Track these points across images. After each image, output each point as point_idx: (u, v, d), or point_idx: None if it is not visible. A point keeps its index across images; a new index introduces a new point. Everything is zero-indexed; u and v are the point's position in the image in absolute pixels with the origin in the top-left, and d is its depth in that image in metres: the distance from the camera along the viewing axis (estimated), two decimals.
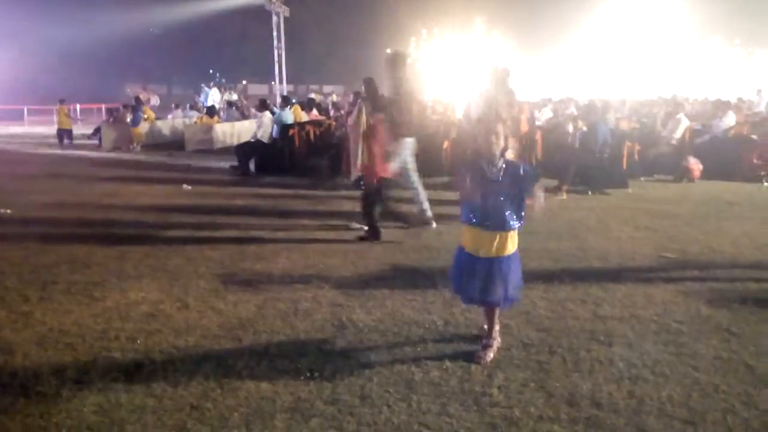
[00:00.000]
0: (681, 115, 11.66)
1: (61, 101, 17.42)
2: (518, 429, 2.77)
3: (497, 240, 3.36)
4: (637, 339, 3.78)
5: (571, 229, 6.86)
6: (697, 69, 35.60)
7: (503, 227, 3.35)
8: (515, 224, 3.38)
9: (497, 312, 3.59)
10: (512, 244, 3.43)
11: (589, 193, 9.27)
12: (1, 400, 2.97)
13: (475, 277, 3.39)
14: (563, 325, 4.00)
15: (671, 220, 7.42)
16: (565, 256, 5.68)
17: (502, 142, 3.29)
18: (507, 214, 3.34)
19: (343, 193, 9.42)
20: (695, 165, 10.53)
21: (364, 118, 9.43)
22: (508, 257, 3.41)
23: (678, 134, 11.27)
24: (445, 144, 11.04)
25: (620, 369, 3.36)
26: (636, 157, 10.64)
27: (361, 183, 9.48)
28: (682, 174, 10.54)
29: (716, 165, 10.82)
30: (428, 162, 10.89)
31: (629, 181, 9.91)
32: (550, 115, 14.43)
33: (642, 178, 10.66)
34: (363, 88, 9.73)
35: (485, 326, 3.66)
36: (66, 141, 16.61)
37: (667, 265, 5.47)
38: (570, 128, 11.23)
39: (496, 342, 3.57)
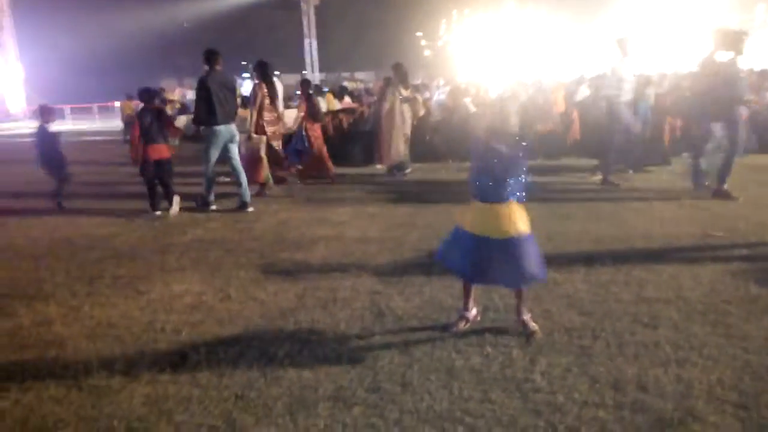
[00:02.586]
0: None
1: (129, 96, 18.17)
2: (562, 415, 2.73)
3: (507, 212, 3.37)
4: (684, 321, 3.68)
5: (611, 209, 6.72)
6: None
7: (509, 197, 3.39)
8: (519, 195, 3.43)
9: (524, 290, 3.60)
10: (523, 219, 3.42)
11: (630, 171, 9.04)
12: (55, 392, 3.08)
13: (485, 257, 3.39)
14: (606, 308, 3.92)
15: (717, 197, 7.18)
16: (606, 238, 5.56)
17: (514, 119, 3.39)
18: (512, 185, 3.39)
19: (378, 179, 9.43)
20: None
21: (398, 104, 9.44)
22: (525, 238, 3.40)
23: None
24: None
25: (666, 352, 3.28)
26: (678, 133, 10.33)
27: (395, 169, 9.51)
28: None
29: (763, 137, 10.43)
30: (462, 146, 10.84)
31: (672, 158, 9.63)
32: (588, 92, 14.06)
33: (685, 155, 10.35)
34: (393, 73, 9.73)
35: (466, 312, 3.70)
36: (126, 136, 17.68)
37: (714, 244, 5.31)
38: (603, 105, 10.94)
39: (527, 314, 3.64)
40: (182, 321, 3.95)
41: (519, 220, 3.40)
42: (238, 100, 8.09)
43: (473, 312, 3.74)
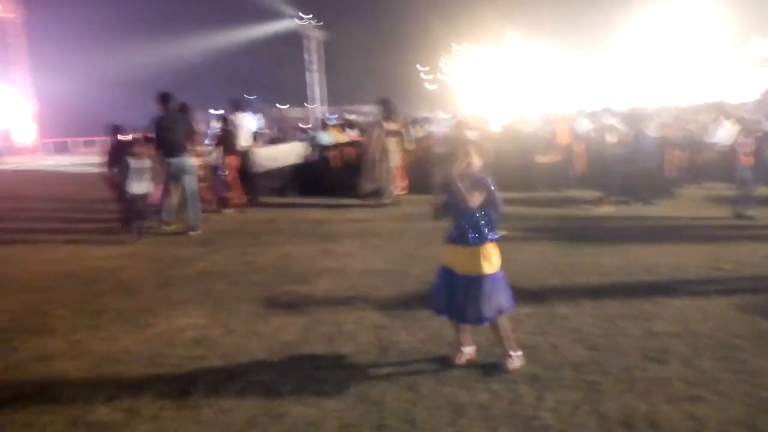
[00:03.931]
0: (728, 121, 11.29)
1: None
2: None
3: (474, 256, 3.42)
4: (694, 356, 3.62)
5: (617, 241, 6.68)
6: (740, 72, 34.46)
7: (480, 241, 3.43)
8: (490, 237, 3.46)
9: (500, 325, 3.55)
10: (491, 260, 3.45)
11: (634, 203, 9.03)
12: (55, 429, 3.03)
13: (455, 294, 3.45)
14: (614, 343, 3.87)
15: (722, 229, 7.16)
16: (612, 270, 5.52)
17: (472, 162, 3.41)
18: (481, 228, 3.43)
19: (382, 211, 9.44)
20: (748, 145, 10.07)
21: (375, 137, 9.78)
22: (491, 276, 3.43)
23: (726, 140, 10.90)
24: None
25: (677, 388, 3.22)
26: (682, 165, 10.34)
27: (372, 196, 9.73)
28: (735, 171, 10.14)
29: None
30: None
31: (675, 190, 9.63)
32: (590, 126, 14.16)
33: (689, 187, 10.36)
34: (380, 108, 10.17)
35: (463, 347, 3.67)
36: None
37: (722, 277, 5.26)
38: (610, 139, 11.01)
39: (512, 350, 3.58)
40: (185, 356, 3.91)
41: (486, 259, 3.42)
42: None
43: (469, 349, 3.70)
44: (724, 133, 10.97)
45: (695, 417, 2.93)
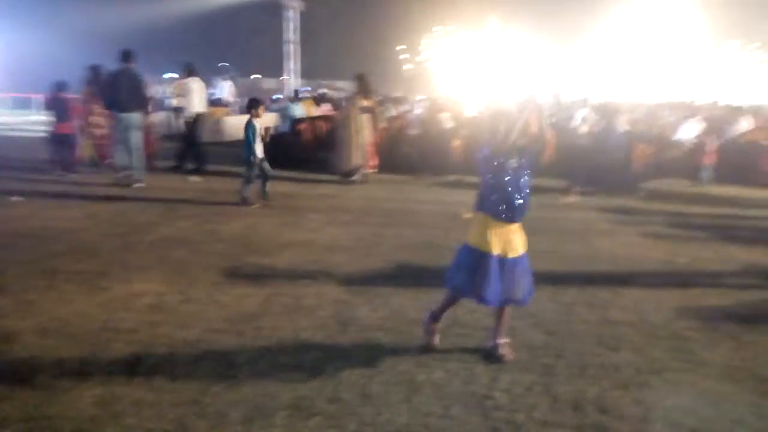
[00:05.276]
0: (695, 119, 11.54)
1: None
2: None
3: (518, 229, 3.40)
4: (646, 345, 3.71)
5: (579, 231, 6.78)
6: (713, 73, 35.19)
7: (522, 216, 3.38)
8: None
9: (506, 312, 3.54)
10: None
11: (598, 194, 9.16)
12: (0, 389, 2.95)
13: (503, 278, 3.31)
14: (570, 328, 3.94)
15: (682, 225, 7.31)
16: (573, 259, 5.60)
17: (516, 133, 3.36)
18: (527, 202, 3.38)
19: (352, 188, 9.40)
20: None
21: (354, 112, 9.67)
22: (525, 253, 3.43)
23: (692, 138, 11.15)
24: (456, 143, 10.95)
25: (627, 375, 3.30)
26: (648, 160, 10.52)
27: (345, 176, 9.64)
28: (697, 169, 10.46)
29: (729, 170, 10.70)
30: (437, 160, 10.90)
31: (640, 184, 9.80)
32: (567, 115, 14.28)
33: (654, 182, 10.55)
34: (355, 83, 10.06)
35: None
36: None
37: (678, 270, 5.39)
38: (582, 130, 11.13)
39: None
40: (140, 321, 3.84)
41: (523, 235, 3.43)
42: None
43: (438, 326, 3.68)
44: (692, 132, 11.22)
45: (642, 403, 3.00)
